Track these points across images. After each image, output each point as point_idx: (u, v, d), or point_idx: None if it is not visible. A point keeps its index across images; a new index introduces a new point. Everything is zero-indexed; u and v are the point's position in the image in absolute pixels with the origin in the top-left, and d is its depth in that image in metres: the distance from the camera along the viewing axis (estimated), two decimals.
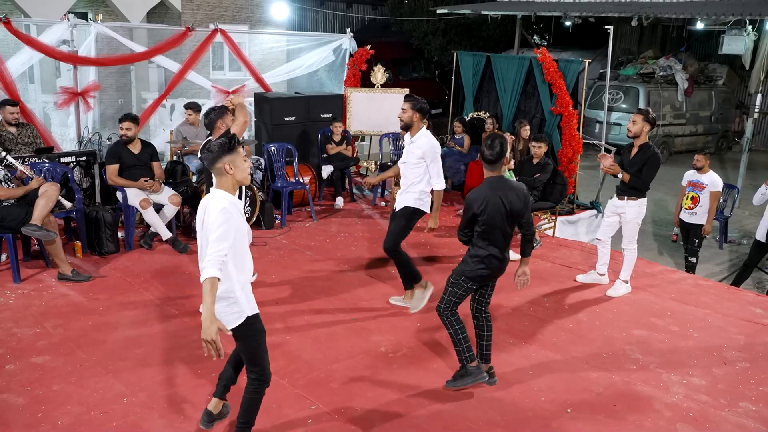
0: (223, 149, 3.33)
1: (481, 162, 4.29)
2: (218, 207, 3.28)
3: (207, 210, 3.36)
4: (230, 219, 3.27)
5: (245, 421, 3.62)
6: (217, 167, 3.35)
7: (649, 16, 12.54)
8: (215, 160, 3.34)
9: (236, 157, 3.36)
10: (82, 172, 7.36)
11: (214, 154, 3.35)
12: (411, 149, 5.39)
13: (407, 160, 5.45)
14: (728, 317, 5.89)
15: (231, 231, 3.27)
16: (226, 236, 3.24)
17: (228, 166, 3.34)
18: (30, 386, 4.29)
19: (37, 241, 6.34)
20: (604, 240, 6.41)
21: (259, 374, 3.57)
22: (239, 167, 3.38)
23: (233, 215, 3.31)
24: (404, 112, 5.31)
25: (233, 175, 3.37)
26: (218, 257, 3.20)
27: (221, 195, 3.36)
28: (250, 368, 3.59)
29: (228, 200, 3.34)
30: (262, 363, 3.57)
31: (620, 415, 4.27)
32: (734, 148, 16.15)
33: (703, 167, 7.56)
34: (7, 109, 7.02)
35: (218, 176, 3.39)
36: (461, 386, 4.43)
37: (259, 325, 3.54)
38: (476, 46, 17.83)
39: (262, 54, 13.40)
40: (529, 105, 9.51)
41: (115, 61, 9.95)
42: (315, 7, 20.80)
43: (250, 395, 3.60)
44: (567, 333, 5.42)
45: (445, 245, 7.53)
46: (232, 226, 3.28)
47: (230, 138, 3.38)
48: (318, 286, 6.17)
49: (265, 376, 3.59)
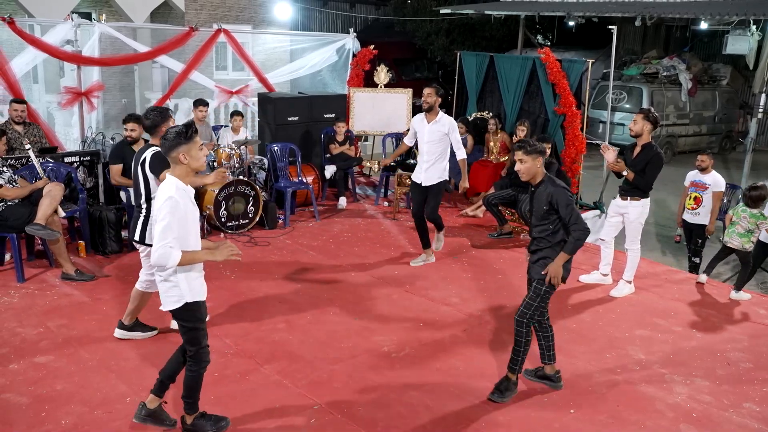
0: (180, 138, 3.42)
1: (485, 162, 4.32)
2: (165, 195, 3.39)
3: (158, 194, 3.48)
4: (175, 208, 3.37)
5: (188, 395, 3.78)
6: (172, 156, 3.45)
7: (652, 16, 12.52)
8: (171, 148, 3.44)
9: (192, 146, 3.46)
10: (86, 171, 7.37)
11: (170, 143, 3.43)
12: (436, 128, 6.43)
13: (431, 139, 6.45)
14: (731, 318, 5.88)
15: (174, 222, 3.36)
16: (169, 228, 3.35)
17: (183, 156, 3.45)
18: (33, 386, 4.30)
19: (41, 241, 6.35)
20: (607, 240, 6.41)
21: (195, 353, 3.69)
22: (194, 157, 3.49)
23: (179, 204, 3.39)
24: (430, 95, 6.34)
25: (188, 164, 3.47)
26: (164, 252, 3.33)
27: (171, 182, 3.46)
28: (187, 347, 3.70)
29: (176, 187, 3.43)
30: (199, 344, 3.68)
31: (623, 415, 4.27)
32: (738, 148, 16.09)
33: (707, 167, 7.54)
34: (13, 106, 7.05)
35: (173, 164, 3.49)
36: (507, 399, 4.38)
37: (199, 313, 3.66)
38: (479, 46, 17.81)
39: (265, 54, 13.40)
40: (533, 105, 9.50)
41: (119, 61, 9.97)
42: (318, 7, 20.80)
43: (189, 373, 3.74)
44: (570, 333, 5.42)
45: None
46: (176, 217, 3.37)
47: (187, 126, 3.46)
48: (321, 286, 6.17)
49: (202, 356, 3.70)
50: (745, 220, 6.36)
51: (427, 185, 6.55)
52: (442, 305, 5.87)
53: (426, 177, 6.53)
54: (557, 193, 4.16)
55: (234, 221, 7.46)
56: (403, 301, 5.93)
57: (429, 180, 6.53)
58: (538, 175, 4.28)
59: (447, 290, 6.21)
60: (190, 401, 3.80)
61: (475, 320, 5.59)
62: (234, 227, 7.46)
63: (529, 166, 4.24)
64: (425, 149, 6.51)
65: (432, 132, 6.45)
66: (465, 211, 8.78)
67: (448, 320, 5.55)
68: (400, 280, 6.41)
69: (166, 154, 3.47)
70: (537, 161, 4.22)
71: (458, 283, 6.40)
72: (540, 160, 4.24)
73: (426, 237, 6.78)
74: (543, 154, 4.27)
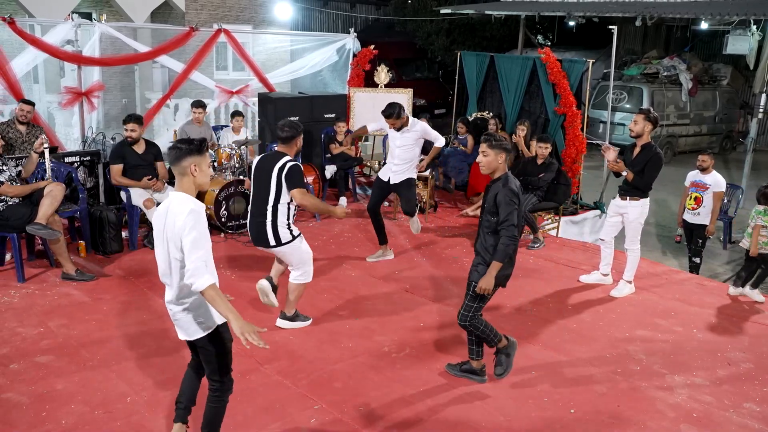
0: (192, 149, 3.24)
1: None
2: (185, 209, 3.15)
3: (170, 214, 3.21)
4: (200, 220, 3.17)
5: (210, 430, 3.55)
6: (182, 165, 3.23)
7: (653, 16, 12.51)
8: (181, 158, 3.23)
9: (203, 160, 3.28)
10: (86, 171, 7.38)
11: (181, 152, 3.22)
12: (408, 135, 6.55)
13: (404, 144, 6.55)
14: (732, 318, 5.88)
15: (204, 234, 3.18)
16: (200, 241, 3.14)
17: (194, 167, 3.24)
18: (34, 385, 4.30)
19: (42, 241, 6.35)
20: (607, 240, 6.41)
21: (220, 384, 3.48)
22: (204, 171, 3.29)
23: (202, 216, 3.20)
24: (394, 124, 6.46)
25: (196, 177, 3.26)
26: (200, 266, 3.09)
27: (185, 197, 3.22)
28: (212, 378, 3.48)
29: (194, 201, 3.22)
30: (227, 373, 3.49)
31: (624, 415, 4.27)
32: (738, 148, 16.09)
33: (708, 168, 7.54)
34: (20, 106, 7.07)
35: (181, 176, 3.26)
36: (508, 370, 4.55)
37: (227, 334, 3.45)
38: (480, 46, 17.82)
39: (265, 54, 13.39)
40: (533, 105, 9.50)
41: (119, 61, 9.96)
42: (318, 7, 20.80)
43: (214, 405, 3.51)
44: (570, 333, 5.42)
45: (448, 245, 7.53)
46: (204, 229, 3.19)
47: (200, 141, 3.30)
48: (321, 285, 6.17)
49: (227, 385, 3.51)
50: (760, 219, 6.17)
51: (395, 182, 6.67)
52: (442, 305, 5.87)
53: (394, 176, 6.66)
54: (503, 193, 4.20)
55: (234, 221, 7.46)
56: (403, 301, 5.93)
57: (397, 178, 6.65)
58: (498, 170, 4.31)
59: (447, 290, 6.21)
60: None
61: None
62: (234, 227, 7.46)
63: (490, 160, 4.28)
64: (397, 153, 6.61)
65: (405, 138, 6.57)
66: (465, 211, 8.78)
67: (448, 320, 5.54)
68: (401, 280, 6.41)
69: (175, 163, 3.23)
70: (499, 157, 4.26)
71: (458, 283, 6.40)
72: (503, 156, 4.27)
73: (383, 232, 6.87)
74: (507, 151, 4.30)
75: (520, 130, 8.59)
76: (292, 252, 5.00)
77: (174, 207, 3.21)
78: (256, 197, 4.97)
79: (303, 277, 5.11)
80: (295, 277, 5.11)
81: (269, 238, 4.89)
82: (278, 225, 4.88)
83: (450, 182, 9.63)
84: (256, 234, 4.96)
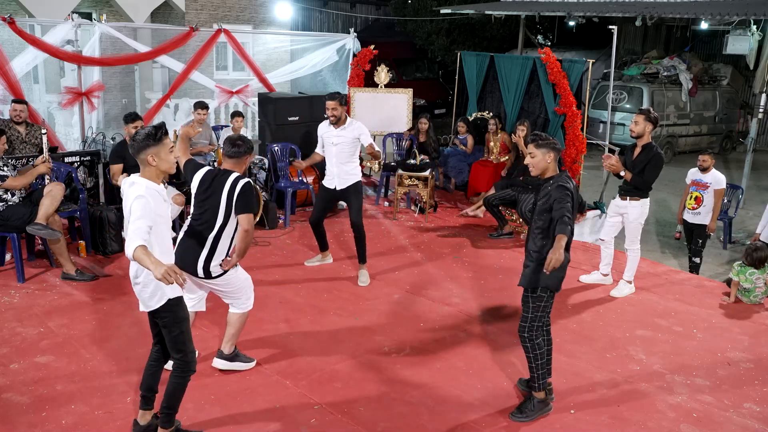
0: (149, 140, 3.39)
1: (486, 162, 4.29)
2: (134, 194, 3.35)
3: (126, 198, 3.42)
4: (147, 205, 3.31)
5: (168, 406, 3.66)
6: (140, 158, 3.42)
7: (653, 16, 12.50)
8: (140, 150, 3.40)
9: (161, 148, 3.42)
10: (86, 171, 7.37)
11: (139, 144, 3.40)
12: (344, 134, 6.21)
13: (340, 141, 6.21)
14: (732, 318, 5.87)
15: (149, 213, 3.30)
16: (144, 215, 3.27)
17: (152, 158, 3.41)
18: (34, 385, 4.30)
19: (42, 241, 6.35)
20: (607, 240, 6.41)
21: (182, 360, 3.60)
22: (163, 159, 3.44)
23: (149, 202, 3.34)
24: (335, 109, 6.12)
25: (156, 166, 3.43)
26: (131, 236, 3.19)
27: (140, 182, 3.41)
28: (173, 354, 3.62)
29: (146, 186, 3.39)
30: (185, 349, 3.60)
31: (624, 415, 4.27)
32: (738, 148, 16.08)
33: (708, 167, 7.55)
34: (12, 106, 7.05)
35: (142, 166, 3.45)
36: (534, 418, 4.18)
37: (181, 311, 3.57)
38: (480, 46, 17.81)
39: (265, 54, 13.40)
40: (533, 105, 9.49)
41: (119, 61, 9.97)
42: (318, 7, 20.80)
43: (174, 380, 3.63)
44: (570, 333, 5.42)
45: (448, 244, 7.53)
46: (149, 210, 3.31)
47: (157, 128, 3.42)
48: (321, 286, 6.17)
49: (189, 364, 3.62)
50: (760, 280, 6.06)
51: (342, 188, 6.29)
52: (442, 305, 5.87)
53: (339, 181, 6.28)
54: (557, 191, 3.96)
55: None
56: (403, 301, 5.93)
57: (344, 183, 6.28)
58: (548, 170, 4.07)
59: (447, 290, 6.21)
60: (170, 412, 3.67)
61: (476, 320, 5.59)
62: None
63: (538, 161, 4.05)
64: (333, 152, 6.24)
65: (339, 135, 6.21)
66: (465, 211, 8.78)
67: (449, 320, 5.55)
68: (401, 280, 6.41)
69: (136, 155, 3.42)
70: (547, 156, 4.03)
71: (458, 283, 6.40)
72: (551, 155, 4.03)
73: (324, 240, 6.71)
74: (556, 150, 4.06)
75: (519, 130, 8.58)
76: (227, 282, 4.27)
77: (129, 191, 3.42)
78: (197, 220, 4.17)
79: (246, 304, 4.44)
80: (237, 305, 4.43)
81: (198, 269, 4.13)
82: (214, 258, 4.13)
83: (450, 182, 9.63)
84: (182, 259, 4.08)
